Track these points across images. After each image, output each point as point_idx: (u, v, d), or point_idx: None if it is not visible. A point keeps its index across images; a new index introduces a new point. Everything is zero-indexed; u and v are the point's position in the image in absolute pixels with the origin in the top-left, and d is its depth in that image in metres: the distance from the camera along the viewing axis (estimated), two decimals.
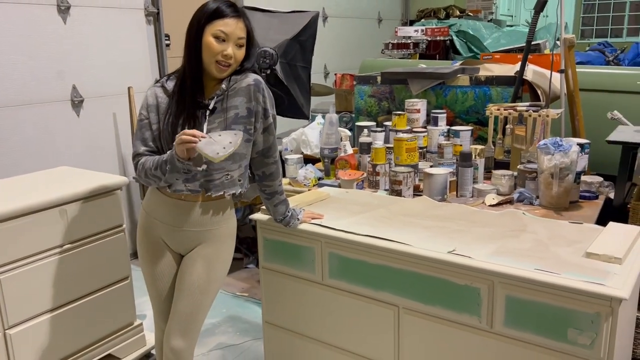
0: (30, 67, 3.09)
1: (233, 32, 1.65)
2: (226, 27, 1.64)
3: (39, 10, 3.10)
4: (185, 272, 1.77)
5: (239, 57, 1.69)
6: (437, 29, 4.90)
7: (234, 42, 1.66)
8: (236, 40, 1.66)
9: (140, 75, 3.69)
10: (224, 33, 1.64)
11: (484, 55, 3.62)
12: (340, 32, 5.82)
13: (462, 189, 2.36)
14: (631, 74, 3.39)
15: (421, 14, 7.11)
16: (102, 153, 3.53)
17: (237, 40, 1.66)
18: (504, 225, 1.84)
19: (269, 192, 1.85)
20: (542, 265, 1.49)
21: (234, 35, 1.65)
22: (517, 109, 2.48)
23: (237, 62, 1.70)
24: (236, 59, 1.68)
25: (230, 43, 1.65)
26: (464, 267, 1.57)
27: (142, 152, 1.72)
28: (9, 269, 1.92)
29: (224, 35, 1.64)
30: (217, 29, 1.64)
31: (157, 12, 3.71)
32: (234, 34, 1.65)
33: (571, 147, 2.13)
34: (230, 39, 1.65)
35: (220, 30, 1.64)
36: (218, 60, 1.65)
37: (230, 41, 1.65)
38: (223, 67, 1.66)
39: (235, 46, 1.67)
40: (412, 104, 2.80)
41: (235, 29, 1.65)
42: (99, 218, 2.20)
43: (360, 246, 1.78)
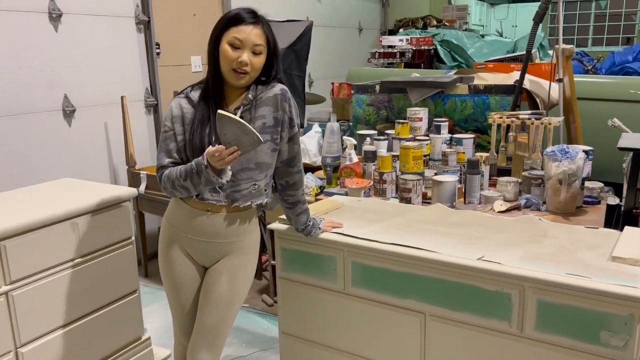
0: (21, 76, 3.01)
1: (248, 38, 1.62)
2: (240, 33, 1.62)
3: (30, 18, 3.02)
4: (210, 285, 1.74)
5: (257, 64, 1.66)
6: (421, 39, 4.98)
7: (250, 49, 1.63)
8: (252, 47, 1.63)
9: (131, 84, 3.63)
10: (239, 40, 1.62)
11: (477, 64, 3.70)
12: (323, 41, 5.85)
13: (470, 195, 2.40)
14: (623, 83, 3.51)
15: (399, 24, 7.24)
16: (93, 163, 3.45)
17: (253, 47, 1.63)
18: (523, 231, 1.88)
19: (291, 202, 1.84)
20: (572, 270, 1.53)
21: (249, 42, 1.62)
22: (520, 117, 2.55)
23: (255, 70, 1.66)
24: (253, 67, 1.65)
25: (246, 50, 1.62)
26: (495, 273, 1.59)
27: (166, 164, 1.69)
28: (21, 285, 1.85)
29: (239, 42, 1.62)
30: (232, 36, 1.62)
31: (147, 20, 3.67)
32: (249, 41, 1.62)
33: (577, 153, 2.20)
34: (245, 46, 1.62)
35: (234, 37, 1.62)
36: (234, 67, 1.63)
37: (245, 48, 1.62)
38: (240, 74, 1.64)
39: (252, 53, 1.64)
40: (415, 113, 2.84)
41: (251, 35, 1.62)
42: (109, 230, 2.15)
43: (385, 254, 1.79)
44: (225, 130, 1.54)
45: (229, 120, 1.52)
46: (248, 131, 1.53)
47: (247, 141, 1.55)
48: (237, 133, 1.53)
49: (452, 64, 4.97)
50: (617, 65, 4.96)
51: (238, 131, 1.53)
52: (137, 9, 3.62)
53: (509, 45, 5.04)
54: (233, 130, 1.53)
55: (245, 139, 1.54)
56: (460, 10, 7.90)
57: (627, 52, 5.36)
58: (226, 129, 1.53)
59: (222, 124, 1.53)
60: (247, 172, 1.69)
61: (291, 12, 5.18)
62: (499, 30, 9.35)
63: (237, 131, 1.53)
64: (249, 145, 1.56)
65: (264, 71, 1.70)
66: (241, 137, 1.54)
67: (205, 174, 1.57)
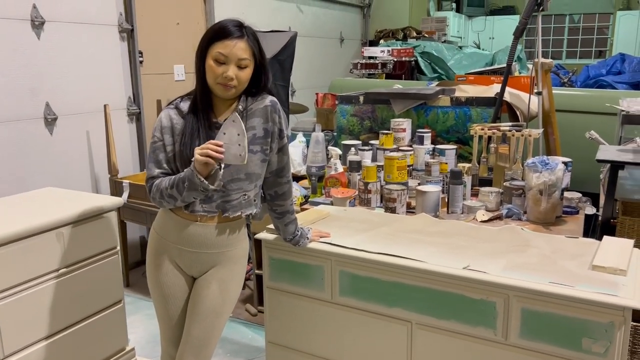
0: (3, 84, 2.97)
1: (232, 52, 1.62)
2: (225, 49, 1.62)
3: (12, 25, 2.99)
4: (199, 296, 1.75)
5: (243, 78, 1.66)
6: (402, 50, 5.06)
7: (235, 64, 1.63)
8: (237, 61, 1.63)
9: (114, 92, 3.61)
10: (223, 55, 1.62)
11: (458, 76, 3.77)
12: (305, 51, 5.89)
13: (453, 205, 2.44)
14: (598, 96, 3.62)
15: (380, 35, 7.33)
16: (75, 172, 3.41)
17: (237, 61, 1.63)
18: (506, 240, 1.92)
19: (280, 212, 1.86)
20: (555, 279, 1.57)
21: (234, 57, 1.62)
22: (501, 129, 2.61)
23: (241, 83, 1.67)
24: (240, 80, 1.65)
25: (231, 64, 1.63)
26: (480, 282, 1.63)
27: (156, 174, 1.69)
28: (5, 295, 1.83)
29: (223, 57, 1.62)
30: (217, 51, 1.62)
31: (131, 28, 3.66)
32: (234, 55, 1.62)
33: (557, 165, 2.26)
34: (230, 61, 1.63)
35: (219, 53, 1.62)
36: (219, 82, 1.64)
37: (230, 63, 1.63)
38: (226, 87, 1.64)
39: (237, 67, 1.64)
40: (398, 124, 2.89)
41: (235, 49, 1.62)
42: (94, 240, 2.14)
43: (373, 264, 1.81)
44: (226, 130, 1.57)
45: (236, 125, 1.55)
46: (242, 143, 1.55)
47: (234, 151, 1.57)
48: (233, 139, 1.56)
49: (432, 75, 5.05)
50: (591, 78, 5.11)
51: (235, 138, 1.56)
52: (121, 17, 3.61)
53: (487, 57, 5.15)
54: (232, 134, 1.56)
55: (235, 149, 1.57)
56: (439, 22, 8.05)
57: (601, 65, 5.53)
58: (228, 130, 1.56)
59: (228, 124, 1.57)
60: (237, 182, 1.70)
61: (274, 22, 5.22)
62: (477, 42, 9.54)
63: (234, 137, 1.56)
64: (233, 157, 1.58)
65: (253, 82, 1.71)
66: (233, 145, 1.57)
67: (190, 174, 1.57)
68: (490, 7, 10.07)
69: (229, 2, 4.63)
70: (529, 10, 2.61)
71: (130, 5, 3.64)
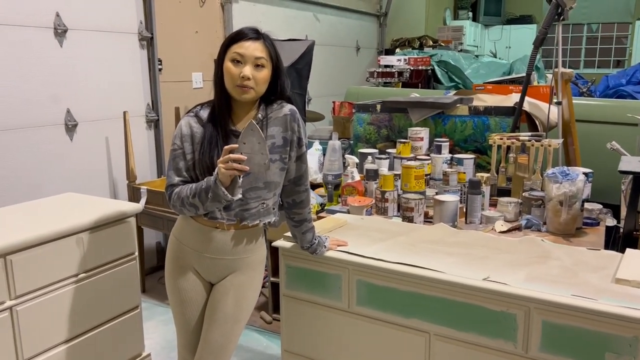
0: (24, 91, 3.02)
1: (248, 52, 1.63)
2: (241, 48, 1.63)
3: (36, 33, 3.04)
4: (217, 302, 1.75)
5: (260, 78, 1.65)
6: (419, 59, 5.05)
7: (252, 63, 1.63)
8: (253, 60, 1.63)
9: (133, 99, 3.65)
10: (239, 55, 1.63)
11: (476, 85, 3.76)
12: (321, 60, 5.90)
13: (472, 215, 2.42)
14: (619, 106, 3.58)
15: (396, 44, 7.33)
16: (93, 178, 3.45)
17: (254, 60, 1.63)
18: (526, 251, 1.90)
19: (297, 220, 1.86)
20: (577, 291, 1.55)
21: (251, 56, 1.63)
22: (520, 139, 2.59)
23: (259, 84, 1.66)
24: (257, 81, 1.64)
25: (248, 64, 1.63)
26: (500, 294, 1.61)
27: (176, 182, 1.70)
28: (25, 299, 1.85)
29: (240, 57, 1.63)
30: (233, 52, 1.64)
31: (151, 36, 3.70)
32: (250, 55, 1.63)
33: (578, 176, 2.24)
34: (247, 61, 1.63)
35: (236, 53, 1.63)
36: (237, 84, 1.64)
37: (247, 62, 1.63)
38: (244, 88, 1.64)
39: (254, 67, 1.64)
40: (416, 132, 2.87)
41: (251, 49, 1.63)
42: (113, 246, 2.16)
43: (390, 273, 1.80)
44: (246, 139, 1.56)
45: (255, 133, 1.54)
46: (264, 151, 1.55)
47: (257, 160, 1.57)
48: (254, 148, 1.55)
49: (449, 84, 5.04)
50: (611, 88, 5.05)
51: (256, 147, 1.55)
52: (141, 25, 3.65)
53: (505, 66, 5.12)
54: (252, 143, 1.55)
55: (258, 157, 1.57)
56: (456, 30, 8.03)
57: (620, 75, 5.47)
58: (247, 139, 1.56)
59: (247, 133, 1.55)
60: (256, 191, 1.71)
61: (291, 30, 5.25)
62: (493, 51, 9.49)
63: (255, 146, 1.55)
64: (257, 165, 1.59)
65: (271, 89, 1.72)
66: (255, 154, 1.56)
67: (214, 187, 1.58)
68: (507, 16, 10.02)
69: (247, 11, 4.67)
70: (549, 20, 2.59)
71: (150, 14, 3.68)
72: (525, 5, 9.92)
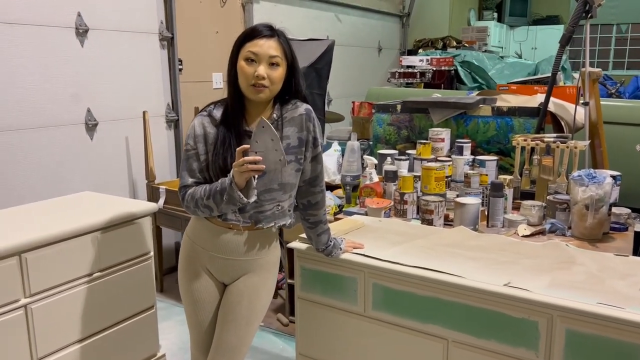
0: (46, 90, 3.05)
1: (262, 51, 1.59)
2: (255, 47, 1.59)
3: (58, 33, 3.07)
4: (230, 303, 1.72)
5: (275, 77, 1.61)
6: (442, 59, 4.97)
7: (266, 62, 1.59)
8: (268, 59, 1.59)
9: (153, 99, 3.66)
10: (254, 54, 1.59)
11: (500, 86, 3.67)
12: (342, 60, 5.87)
13: (493, 219, 2.35)
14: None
15: (418, 44, 7.25)
16: (113, 177, 3.46)
17: (268, 59, 1.59)
18: (550, 256, 1.83)
19: (313, 221, 1.82)
20: (603, 299, 1.48)
21: (265, 55, 1.59)
22: (545, 140, 2.51)
23: (274, 83, 1.62)
24: (272, 80, 1.61)
25: (262, 63, 1.59)
26: (522, 300, 1.55)
27: (190, 183, 1.68)
28: (40, 298, 1.85)
29: (254, 55, 1.59)
30: (247, 51, 1.60)
31: (171, 36, 3.71)
32: (264, 53, 1.59)
33: (605, 178, 2.15)
34: (261, 59, 1.59)
35: (249, 52, 1.59)
36: (252, 83, 1.60)
37: (261, 61, 1.59)
38: (258, 88, 1.60)
39: (268, 65, 1.60)
40: (437, 133, 2.81)
41: (265, 47, 1.59)
42: (128, 245, 2.15)
43: (408, 277, 1.75)
44: (258, 137, 1.52)
45: (267, 130, 1.50)
46: (278, 148, 1.52)
47: (273, 157, 1.53)
48: (268, 145, 1.51)
49: (472, 85, 4.95)
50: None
51: (270, 144, 1.51)
52: (162, 25, 3.66)
53: (530, 67, 5.00)
54: (266, 141, 1.51)
55: (272, 155, 1.53)
56: (480, 31, 7.91)
57: None
58: (260, 138, 1.52)
59: (259, 132, 1.51)
60: (271, 192, 1.67)
61: (312, 30, 5.22)
62: (518, 52, 9.33)
63: (269, 143, 1.51)
64: (273, 163, 1.55)
65: (285, 88, 1.68)
66: (269, 152, 1.52)
67: (230, 190, 1.55)
68: (533, 17, 9.84)
69: (268, 11, 4.66)
70: (577, 18, 2.51)
71: (170, 14, 3.69)
72: (551, 5, 9.73)
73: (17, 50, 2.88)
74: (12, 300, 1.77)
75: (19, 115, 2.92)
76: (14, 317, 1.78)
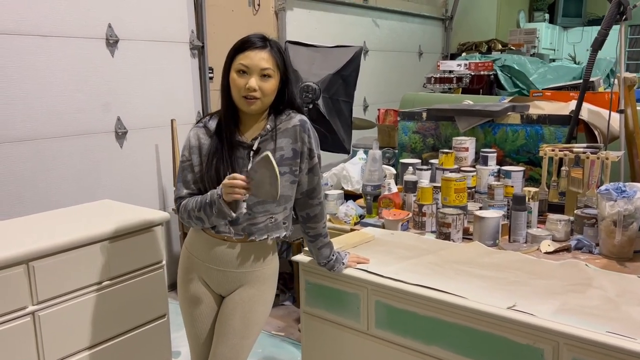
0: (77, 99, 3.14)
1: (254, 63, 1.58)
2: (246, 59, 1.58)
3: (88, 44, 3.16)
4: (226, 315, 1.70)
5: (267, 89, 1.60)
6: (480, 64, 4.81)
7: (258, 74, 1.58)
8: (259, 71, 1.58)
9: (183, 107, 3.72)
10: (245, 66, 1.58)
11: (533, 92, 3.50)
12: (380, 66, 5.79)
13: (515, 233, 2.23)
14: None
15: (462, 48, 7.06)
16: (143, 185, 3.53)
17: (260, 71, 1.58)
18: (565, 278, 1.71)
19: (312, 235, 1.78)
20: (614, 327, 1.36)
21: (256, 67, 1.58)
22: (574, 150, 2.36)
23: (265, 95, 1.60)
24: (263, 92, 1.59)
25: (253, 75, 1.58)
26: (527, 326, 1.44)
27: (184, 195, 1.68)
28: (48, 305, 1.89)
29: (245, 67, 1.58)
30: (238, 63, 1.59)
31: (202, 45, 3.75)
32: (256, 66, 1.58)
33: (636, 193, 1.99)
34: (252, 71, 1.58)
35: (241, 64, 1.58)
36: (243, 95, 1.59)
37: (252, 73, 1.58)
38: (249, 100, 1.59)
39: (260, 77, 1.58)
40: (460, 142, 2.70)
41: (257, 60, 1.58)
42: (139, 254, 2.17)
43: (410, 296, 1.67)
44: (258, 168, 1.51)
45: (268, 165, 1.49)
46: (274, 184, 1.50)
47: (265, 190, 1.53)
48: (264, 179, 1.51)
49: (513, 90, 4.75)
50: None
51: (267, 178, 1.50)
52: (192, 34, 3.71)
53: (575, 71, 4.76)
54: (264, 174, 1.50)
55: (266, 188, 1.52)
56: (529, 33, 7.62)
57: None
58: (260, 169, 1.51)
59: (261, 162, 1.51)
60: (264, 205, 1.65)
61: (348, 36, 5.17)
62: (572, 55, 8.93)
63: (266, 178, 1.51)
64: (264, 194, 1.54)
65: (279, 99, 1.66)
66: (264, 184, 1.52)
67: (218, 204, 1.54)
68: (588, 17, 9.40)
69: (301, 18, 4.64)
70: (610, 20, 2.35)
71: (201, 23, 3.74)
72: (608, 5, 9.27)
73: (49, 61, 2.99)
74: (20, 307, 1.82)
75: (50, 124, 3.03)
76: (21, 324, 1.83)
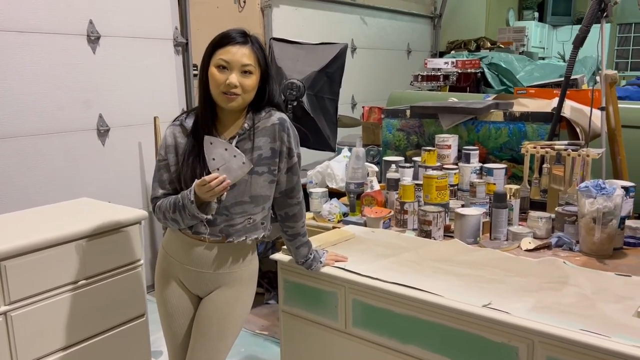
0: (58, 96, 3.10)
1: (234, 59, 1.54)
2: (227, 54, 1.54)
3: (69, 41, 3.12)
4: (202, 317, 1.68)
5: (247, 85, 1.56)
6: (467, 62, 4.81)
7: (238, 70, 1.55)
8: (240, 67, 1.55)
9: (167, 105, 3.68)
10: (225, 61, 1.54)
11: (518, 89, 3.50)
12: (368, 63, 5.77)
13: (496, 231, 2.22)
14: None
15: (451, 46, 7.06)
16: (126, 183, 3.50)
17: (241, 67, 1.55)
18: (542, 275, 1.70)
19: (291, 234, 1.75)
20: (588, 325, 1.35)
21: (237, 63, 1.54)
22: (555, 148, 2.36)
23: (246, 91, 1.57)
24: (244, 88, 1.56)
25: (234, 71, 1.54)
26: (501, 324, 1.43)
27: (159, 195, 1.65)
28: (20, 305, 1.86)
29: (225, 63, 1.54)
30: (218, 58, 1.55)
31: (186, 42, 3.72)
32: (237, 61, 1.54)
33: (615, 190, 1.99)
34: (233, 67, 1.54)
35: (221, 59, 1.55)
36: (223, 90, 1.55)
37: (233, 69, 1.54)
38: (229, 96, 1.55)
39: (240, 73, 1.55)
40: (443, 140, 2.69)
41: (238, 55, 1.54)
42: (116, 253, 2.14)
43: (386, 294, 1.66)
44: (213, 154, 1.49)
45: (216, 144, 1.47)
46: (236, 153, 1.48)
47: (235, 165, 1.50)
48: (225, 156, 1.49)
49: (499, 87, 4.75)
50: None
51: (226, 154, 1.48)
52: (176, 31, 3.68)
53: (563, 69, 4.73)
54: (221, 153, 1.49)
55: (234, 162, 1.50)
56: (517, 32, 7.64)
57: None
58: (214, 154, 1.49)
59: (210, 149, 1.49)
60: (242, 205, 1.62)
61: (336, 34, 5.15)
62: (561, 53, 8.95)
63: (224, 154, 1.48)
64: (238, 169, 1.51)
65: (259, 96, 1.63)
66: (230, 161, 1.49)
67: (190, 208, 1.52)
68: (577, 15, 9.42)
69: (288, 15, 4.61)
70: (591, 17, 2.35)
71: (185, 20, 3.70)
72: None
73: (28, 57, 2.95)
74: None
75: (31, 122, 2.99)
76: None
